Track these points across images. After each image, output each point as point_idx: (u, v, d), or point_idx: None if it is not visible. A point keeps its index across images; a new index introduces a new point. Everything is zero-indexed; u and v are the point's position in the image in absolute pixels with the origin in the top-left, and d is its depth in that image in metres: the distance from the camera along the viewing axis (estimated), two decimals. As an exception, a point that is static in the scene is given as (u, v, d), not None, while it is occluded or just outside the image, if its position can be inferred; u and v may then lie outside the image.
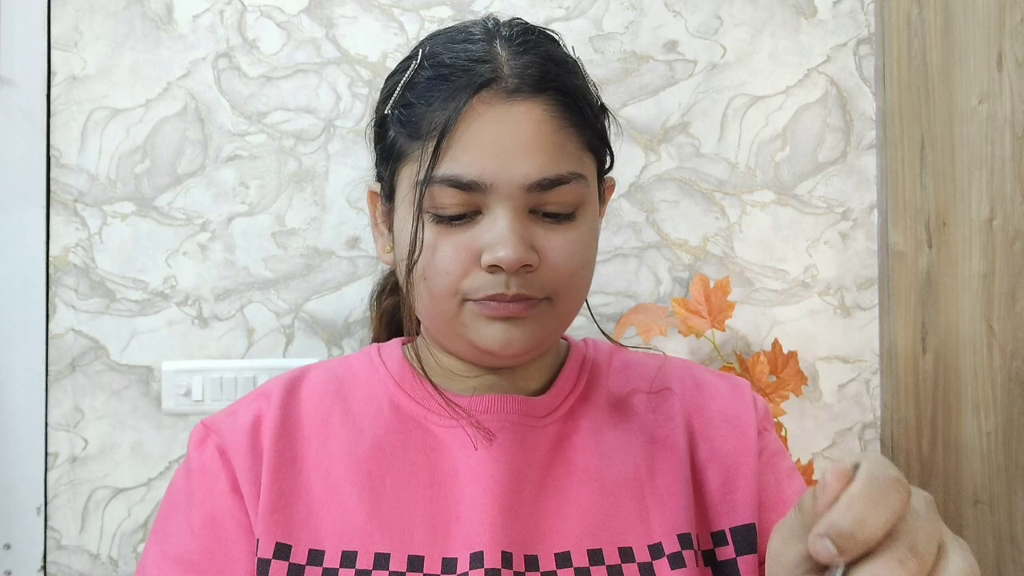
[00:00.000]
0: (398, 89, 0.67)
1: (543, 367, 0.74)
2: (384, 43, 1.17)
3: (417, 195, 0.63)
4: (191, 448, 0.70)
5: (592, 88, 0.70)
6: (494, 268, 0.62)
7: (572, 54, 0.70)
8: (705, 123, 1.21)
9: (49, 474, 1.12)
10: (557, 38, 0.70)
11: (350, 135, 1.16)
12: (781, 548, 0.42)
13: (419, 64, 0.66)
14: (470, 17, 1.16)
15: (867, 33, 1.23)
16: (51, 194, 1.13)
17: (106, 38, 1.14)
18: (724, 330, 1.14)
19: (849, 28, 1.23)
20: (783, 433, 1.14)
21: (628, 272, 1.20)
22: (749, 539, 0.68)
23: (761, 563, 0.70)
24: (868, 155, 1.23)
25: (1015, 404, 1.01)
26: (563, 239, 0.64)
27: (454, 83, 0.63)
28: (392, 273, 0.86)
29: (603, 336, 0.81)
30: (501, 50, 0.65)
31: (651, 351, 0.82)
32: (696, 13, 1.21)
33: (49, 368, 1.13)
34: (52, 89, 1.13)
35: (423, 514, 0.65)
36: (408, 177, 0.65)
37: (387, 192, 0.69)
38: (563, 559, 0.64)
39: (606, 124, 0.71)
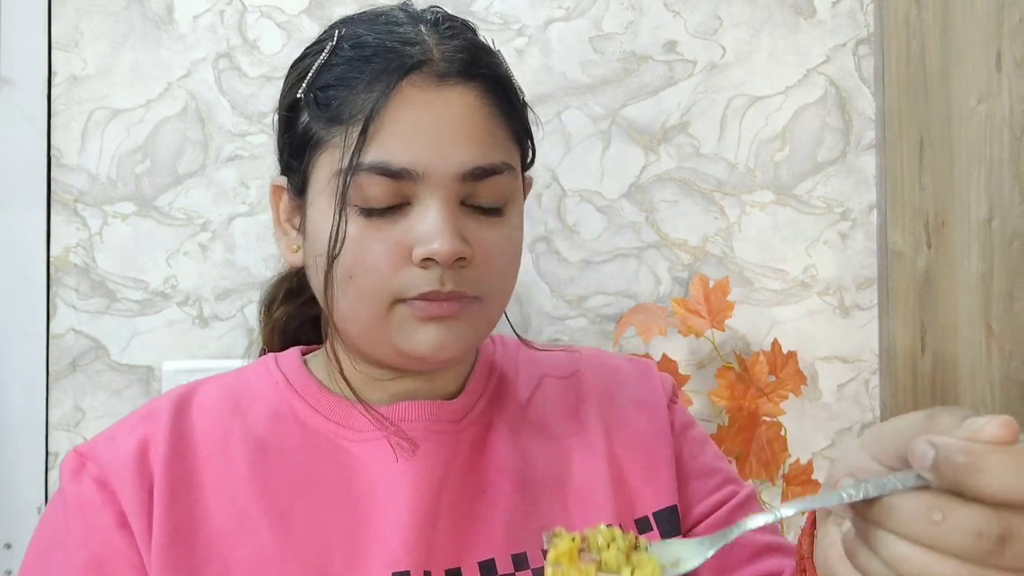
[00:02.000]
0: (311, 72, 0.62)
1: (457, 369, 0.69)
2: (384, 43, 1.17)
3: (340, 185, 0.58)
4: (64, 481, 0.62)
5: (515, 80, 0.67)
6: (427, 262, 0.58)
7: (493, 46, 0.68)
8: (704, 123, 1.22)
9: (49, 474, 1.12)
10: (476, 29, 0.68)
11: (350, 135, 1.17)
12: (883, 436, 0.39)
13: (336, 45, 0.62)
14: (469, 17, 1.16)
15: (866, 33, 1.23)
16: (51, 194, 1.13)
17: (106, 38, 1.14)
18: (724, 330, 1.15)
19: (848, 28, 1.23)
20: (783, 433, 1.14)
21: (628, 272, 1.20)
22: (672, 521, 0.67)
23: (686, 533, 0.69)
24: (867, 155, 1.24)
25: (1014, 404, 1.01)
26: (496, 233, 0.61)
27: (380, 64, 0.59)
28: (282, 281, 0.79)
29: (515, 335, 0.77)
30: (428, 34, 0.61)
31: (563, 349, 0.78)
32: (695, 13, 1.21)
33: (50, 368, 1.13)
34: (52, 89, 1.13)
35: (341, 537, 0.60)
36: (327, 165, 0.60)
37: (298, 185, 0.63)
38: (487, 568, 0.62)
39: (528, 118, 0.68)
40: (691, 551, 0.43)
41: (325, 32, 0.66)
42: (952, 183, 1.10)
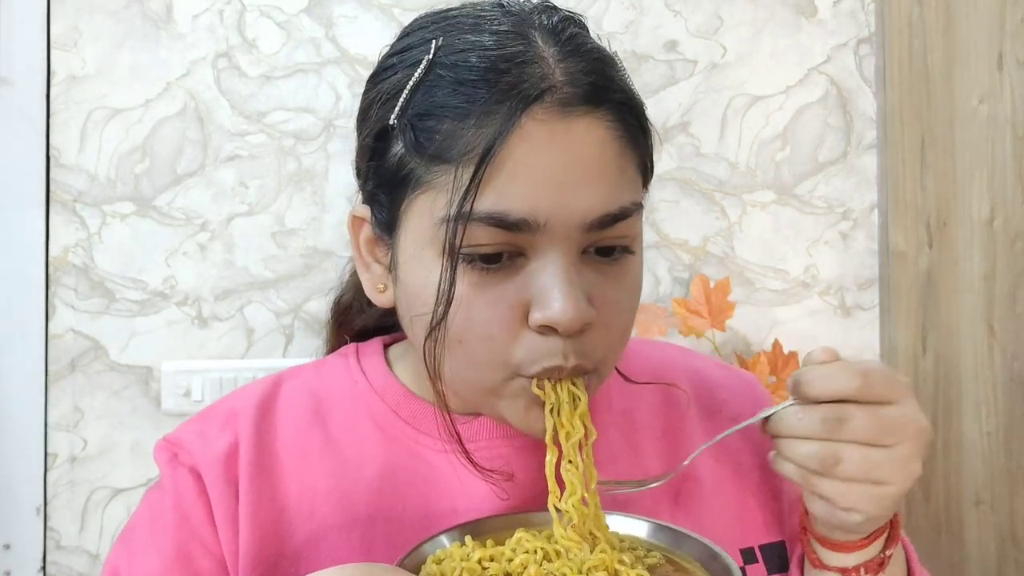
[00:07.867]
0: (405, 92, 0.53)
1: None
2: (384, 42, 1.16)
3: (448, 234, 0.50)
4: (162, 466, 0.61)
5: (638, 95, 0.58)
6: (546, 329, 0.50)
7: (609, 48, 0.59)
8: (705, 123, 1.21)
9: (49, 474, 1.12)
10: (587, 26, 0.58)
11: (350, 135, 1.16)
12: None
13: (434, 59, 0.53)
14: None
15: (867, 33, 1.23)
16: (51, 194, 1.13)
17: (106, 38, 1.14)
18: (724, 330, 1.14)
19: (849, 28, 1.23)
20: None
21: (628, 272, 1.20)
22: (781, 556, 0.62)
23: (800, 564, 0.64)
24: (868, 155, 1.23)
25: (1016, 405, 1.01)
26: (619, 288, 0.53)
27: (495, 92, 0.49)
28: (351, 297, 0.72)
29: None
30: (543, 45, 0.52)
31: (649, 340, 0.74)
32: (696, 13, 1.21)
33: (48, 368, 1.12)
34: (52, 89, 1.13)
35: None
36: (428, 210, 0.51)
37: (385, 221, 0.55)
38: None
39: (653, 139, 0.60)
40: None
41: (414, 37, 0.56)
42: (954, 183, 1.10)
